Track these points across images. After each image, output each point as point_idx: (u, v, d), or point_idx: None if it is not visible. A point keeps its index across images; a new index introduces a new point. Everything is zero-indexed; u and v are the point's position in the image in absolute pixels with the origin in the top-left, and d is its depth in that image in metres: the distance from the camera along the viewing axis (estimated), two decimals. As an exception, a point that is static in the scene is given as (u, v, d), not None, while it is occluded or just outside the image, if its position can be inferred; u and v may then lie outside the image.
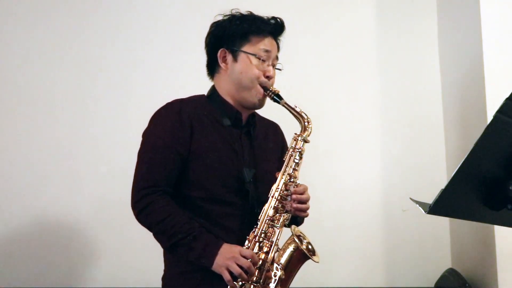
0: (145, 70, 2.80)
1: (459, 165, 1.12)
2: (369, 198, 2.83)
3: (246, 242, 1.59)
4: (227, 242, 1.57)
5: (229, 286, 1.54)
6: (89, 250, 2.72)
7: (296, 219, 1.76)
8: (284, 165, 1.68)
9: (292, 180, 1.66)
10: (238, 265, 1.51)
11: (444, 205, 1.20)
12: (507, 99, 1.08)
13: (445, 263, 2.76)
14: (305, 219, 2.85)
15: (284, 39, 2.82)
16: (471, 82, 2.48)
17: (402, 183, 2.81)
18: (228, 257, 1.52)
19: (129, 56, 2.82)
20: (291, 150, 1.70)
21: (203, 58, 1.84)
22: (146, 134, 1.69)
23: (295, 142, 1.71)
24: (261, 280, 1.57)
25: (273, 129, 1.89)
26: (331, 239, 2.79)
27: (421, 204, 1.26)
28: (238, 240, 1.61)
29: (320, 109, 2.85)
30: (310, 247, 1.68)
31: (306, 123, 1.71)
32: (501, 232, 2.26)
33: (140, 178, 1.63)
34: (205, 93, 1.82)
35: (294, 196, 1.63)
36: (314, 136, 2.81)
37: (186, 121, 1.64)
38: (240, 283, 1.53)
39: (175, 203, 1.62)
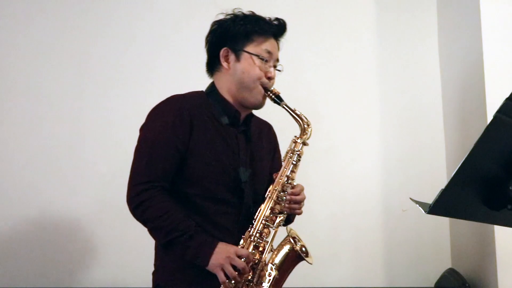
0: (145, 70, 2.80)
1: (459, 165, 1.12)
2: (369, 198, 2.83)
3: (242, 241, 1.60)
4: (221, 239, 1.57)
5: (222, 286, 1.54)
6: (89, 250, 2.72)
7: (289, 216, 1.77)
8: (282, 166, 1.69)
9: (289, 182, 1.68)
10: (232, 265, 1.52)
11: (444, 205, 1.20)
12: (507, 99, 1.08)
13: (445, 263, 2.76)
14: (305, 220, 2.86)
15: (284, 38, 2.84)
16: (471, 82, 2.48)
17: (402, 183, 2.81)
18: (223, 257, 1.52)
19: (130, 56, 2.82)
20: (290, 152, 1.71)
21: (203, 57, 1.84)
22: (144, 129, 1.68)
23: (294, 144, 1.72)
24: (255, 280, 1.57)
25: (267, 129, 1.90)
26: (331, 239, 2.80)
27: (421, 204, 1.26)
28: (232, 238, 1.61)
29: (320, 109, 2.86)
30: (304, 249, 1.70)
31: (305, 126, 1.72)
32: (501, 232, 2.26)
33: (138, 172, 1.62)
34: (203, 90, 1.81)
35: (289, 197, 1.65)
36: (314, 136, 2.82)
37: (186, 117, 1.64)
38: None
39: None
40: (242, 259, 1.54)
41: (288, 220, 1.80)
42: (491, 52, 2.34)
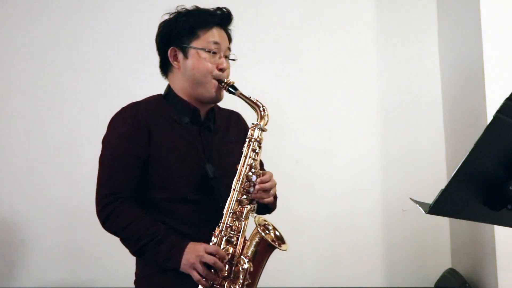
0: (146, 69, 2.80)
1: (459, 165, 1.12)
2: (369, 198, 2.83)
3: (213, 238, 1.58)
4: (198, 240, 1.56)
5: (200, 285, 1.53)
6: (89, 250, 2.72)
7: (267, 206, 1.74)
8: (243, 156, 1.64)
9: (252, 170, 1.63)
10: (204, 263, 1.50)
11: (444, 205, 1.20)
12: (507, 99, 1.08)
13: (445, 263, 2.76)
14: (305, 220, 2.86)
15: (284, 39, 2.85)
16: (471, 82, 2.48)
17: (402, 183, 2.81)
18: (193, 256, 1.51)
19: (130, 56, 2.82)
20: (249, 140, 1.66)
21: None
22: (104, 141, 1.68)
23: (252, 131, 1.66)
24: (232, 275, 1.55)
25: (235, 119, 1.85)
26: (331, 239, 2.80)
27: (421, 204, 1.26)
28: (209, 237, 1.60)
29: (320, 109, 2.86)
30: (278, 233, 1.67)
31: (262, 112, 1.66)
32: (501, 232, 2.26)
33: (101, 186, 1.63)
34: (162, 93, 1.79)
35: (257, 186, 1.60)
36: (313, 136, 2.84)
37: (142, 124, 1.64)
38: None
39: (141, 207, 1.62)
40: (213, 256, 1.52)
41: (267, 210, 1.78)
42: (491, 52, 2.34)
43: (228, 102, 1.80)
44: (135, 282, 1.70)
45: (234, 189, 1.61)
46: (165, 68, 1.76)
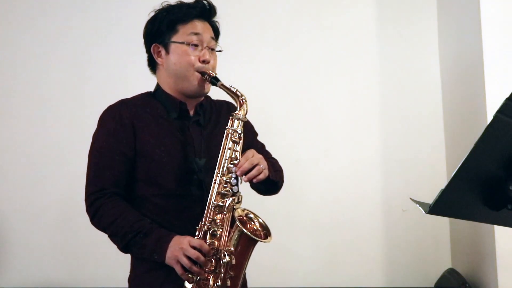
0: (145, 68, 2.80)
1: (459, 165, 1.12)
2: (369, 198, 2.83)
3: (197, 232, 1.57)
4: (187, 234, 1.56)
5: (186, 280, 1.52)
6: (89, 250, 2.72)
7: (273, 182, 1.71)
8: (221, 148, 1.62)
9: (233, 162, 1.60)
10: (187, 256, 1.49)
11: (444, 205, 1.19)
12: (507, 99, 1.08)
13: (445, 263, 2.76)
14: (305, 220, 2.86)
15: (284, 39, 2.85)
16: (471, 82, 2.48)
17: (402, 183, 2.81)
18: (177, 249, 1.50)
19: (131, 56, 2.81)
20: (226, 131, 1.63)
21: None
22: (93, 136, 1.70)
23: (231, 121, 1.63)
24: (217, 269, 1.54)
25: (225, 110, 1.81)
26: (331, 239, 2.80)
27: (421, 204, 1.25)
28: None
29: (320, 108, 2.86)
30: (261, 221, 1.63)
31: (241, 101, 1.64)
32: (501, 232, 2.26)
33: (89, 183, 1.64)
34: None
35: (238, 172, 1.57)
36: (313, 136, 2.84)
37: (126, 121, 1.64)
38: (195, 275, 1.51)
39: (128, 202, 1.63)
40: (196, 250, 1.50)
41: (275, 189, 1.77)
42: (491, 51, 2.34)
43: (220, 95, 1.78)
44: (129, 279, 1.71)
45: (214, 182, 1.59)
46: (153, 65, 1.77)
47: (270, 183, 1.71)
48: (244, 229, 1.53)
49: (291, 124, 2.84)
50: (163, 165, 1.63)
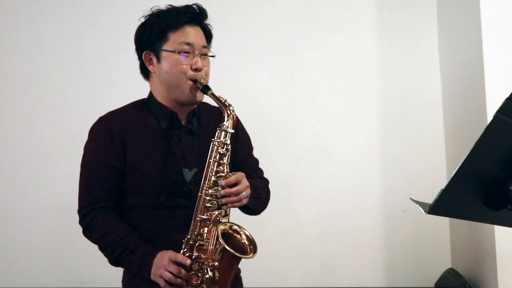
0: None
1: (459, 165, 1.12)
2: (369, 198, 2.83)
3: (183, 245, 1.56)
4: (180, 242, 1.56)
5: None
6: (89, 250, 2.71)
7: (249, 207, 1.69)
8: (207, 160, 1.58)
9: (220, 175, 1.56)
10: (169, 271, 1.50)
11: (444, 205, 1.19)
12: (507, 99, 1.08)
13: (445, 263, 2.76)
14: (305, 220, 2.86)
15: (284, 39, 2.85)
16: (471, 82, 2.48)
17: (402, 183, 2.81)
18: (159, 266, 1.51)
19: (130, 56, 2.81)
20: (212, 143, 1.59)
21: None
22: (84, 149, 1.70)
23: (218, 133, 1.59)
24: (201, 283, 1.53)
25: (218, 117, 1.72)
26: (331, 239, 2.80)
27: (421, 204, 1.26)
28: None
29: (320, 109, 2.86)
30: (248, 234, 1.60)
31: (229, 111, 1.60)
32: (501, 232, 2.26)
33: (81, 196, 1.66)
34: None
35: (222, 191, 1.54)
36: (313, 136, 2.84)
37: (116, 134, 1.63)
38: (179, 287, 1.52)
39: (120, 214, 1.63)
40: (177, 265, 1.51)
41: (251, 211, 1.74)
42: (491, 52, 2.34)
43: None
44: (122, 280, 1.72)
45: (200, 195, 1.57)
46: (145, 72, 1.74)
47: (244, 207, 1.68)
48: (226, 246, 1.51)
49: (291, 124, 2.84)
50: (152, 179, 1.62)
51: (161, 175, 1.63)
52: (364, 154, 2.85)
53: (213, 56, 1.71)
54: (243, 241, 1.59)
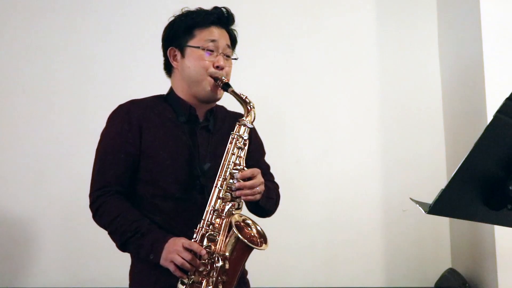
0: (148, 70, 2.81)
1: (459, 165, 1.12)
2: (369, 198, 2.83)
3: (194, 234, 1.58)
4: (187, 236, 1.56)
5: (180, 279, 1.53)
6: (89, 250, 2.72)
7: (262, 208, 1.71)
8: (225, 152, 1.62)
9: (236, 168, 1.60)
10: (181, 257, 1.51)
11: (444, 205, 1.20)
12: (507, 99, 1.08)
13: (445, 263, 2.76)
14: (305, 220, 2.86)
15: (284, 39, 2.85)
16: (471, 82, 2.48)
17: (402, 183, 2.81)
18: (171, 251, 1.52)
19: (133, 56, 2.82)
20: (234, 136, 1.64)
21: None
22: (101, 134, 1.72)
23: (238, 127, 1.65)
24: (210, 273, 1.54)
25: (235, 122, 1.79)
26: (331, 239, 2.80)
27: (421, 204, 1.26)
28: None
29: (321, 109, 2.86)
30: (259, 229, 1.61)
31: (249, 108, 1.66)
32: (501, 232, 2.26)
33: (94, 180, 1.68)
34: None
35: (237, 184, 1.57)
36: (314, 136, 2.84)
37: (134, 121, 1.66)
38: (189, 273, 1.52)
39: (131, 202, 1.65)
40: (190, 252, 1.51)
41: (263, 212, 1.75)
42: (491, 52, 2.34)
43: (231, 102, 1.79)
44: (130, 272, 1.73)
45: (215, 186, 1.60)
46: (169, 68, 1.79)
47: (257, 207, 1.71)
48: (239, 235, 1.53)
49: (292, 125, 2.85)
50: (166, 168, 1.64)
51: (175, 165, 1.65)
52: (364, 154, 2.85)
53: (235, 59, 1.76)
54: (253, 234, 1.61)
